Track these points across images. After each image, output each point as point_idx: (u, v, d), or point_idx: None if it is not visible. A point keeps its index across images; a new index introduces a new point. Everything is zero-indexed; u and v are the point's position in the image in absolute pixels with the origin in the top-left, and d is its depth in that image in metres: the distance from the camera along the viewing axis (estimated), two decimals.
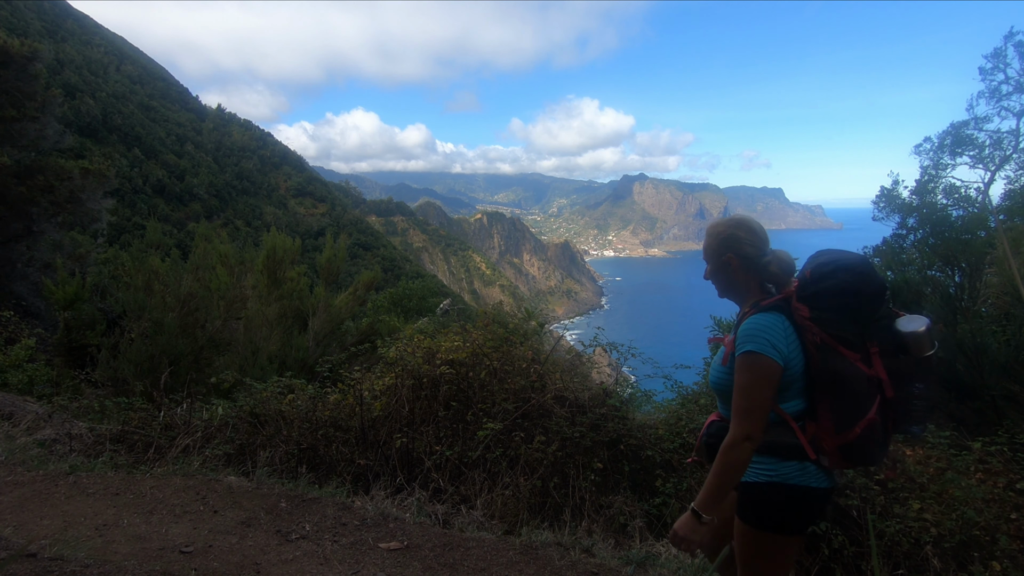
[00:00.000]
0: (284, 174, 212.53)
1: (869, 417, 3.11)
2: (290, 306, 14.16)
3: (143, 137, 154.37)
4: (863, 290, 3.17)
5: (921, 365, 3.15)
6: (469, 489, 6.98)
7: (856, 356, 3.15)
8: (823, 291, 3.22)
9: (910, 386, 3.15)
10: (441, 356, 8.26)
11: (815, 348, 3.21)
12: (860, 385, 3.12)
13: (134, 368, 11.03)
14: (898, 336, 3.15)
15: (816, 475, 3.26)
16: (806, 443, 3.24)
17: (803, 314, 3.26)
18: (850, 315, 3.19)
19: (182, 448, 7.54)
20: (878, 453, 3.21)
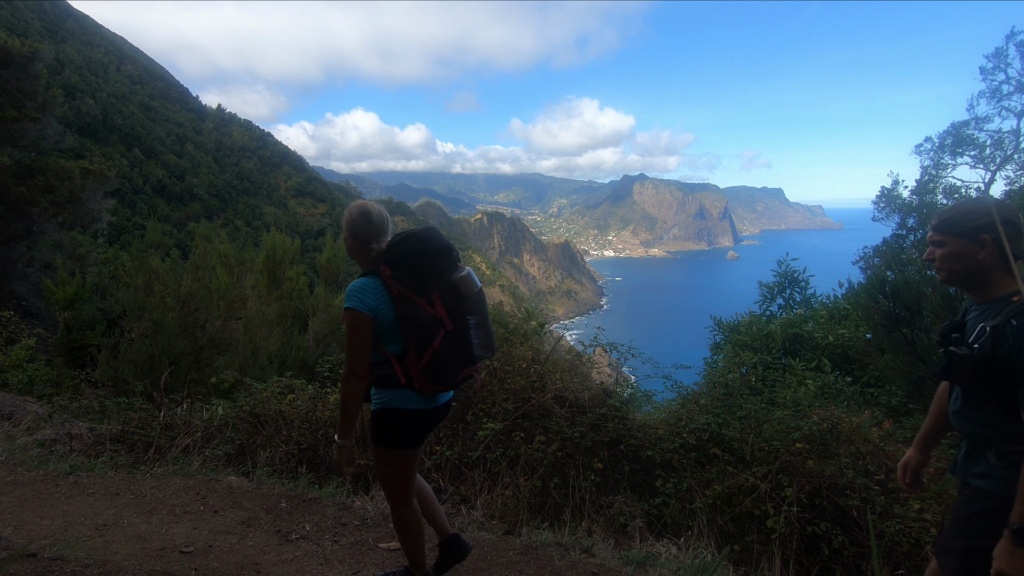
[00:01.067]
0: (284, 174, 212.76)
1: (434, 346, 4.01)
2: (290, 306, 14.16)
3: (143, 137, 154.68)
4: (425, 251, 4.09)
5: (471, 301, 4.20)
6: (469, 489, 6.98)
7: (424, 302, 4.04)
8: (397, 255, 4.09)
9: (465, 319, 4.14)
10: None
11: (396, 299, 4.05)
12: (426, 323, 4.03)
13: (134, 368, 11.04)
14: (451, 283, 4.12)
15: (414, 399, 4.15)
16: (400, 373, 4.08)
17: (387, 274, 4.07)
18: (416, 271, 4.06)
19: (182, 448, 7.55)
20: (450, 374, 4.10)
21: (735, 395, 8.12)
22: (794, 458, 6.69)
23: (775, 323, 14.14)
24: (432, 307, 4.05)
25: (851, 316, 13.63)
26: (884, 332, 10.16)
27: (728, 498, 6.69)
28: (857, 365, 11.97)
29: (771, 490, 6.50)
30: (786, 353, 13.09)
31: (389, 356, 4.10)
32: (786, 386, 10.69)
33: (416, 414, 4.17)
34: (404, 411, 4.14)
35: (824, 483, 6.44)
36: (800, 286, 17.31)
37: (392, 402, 4.11)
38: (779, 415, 7.46)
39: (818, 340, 12.97)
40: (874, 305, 10.22)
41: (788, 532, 6.15)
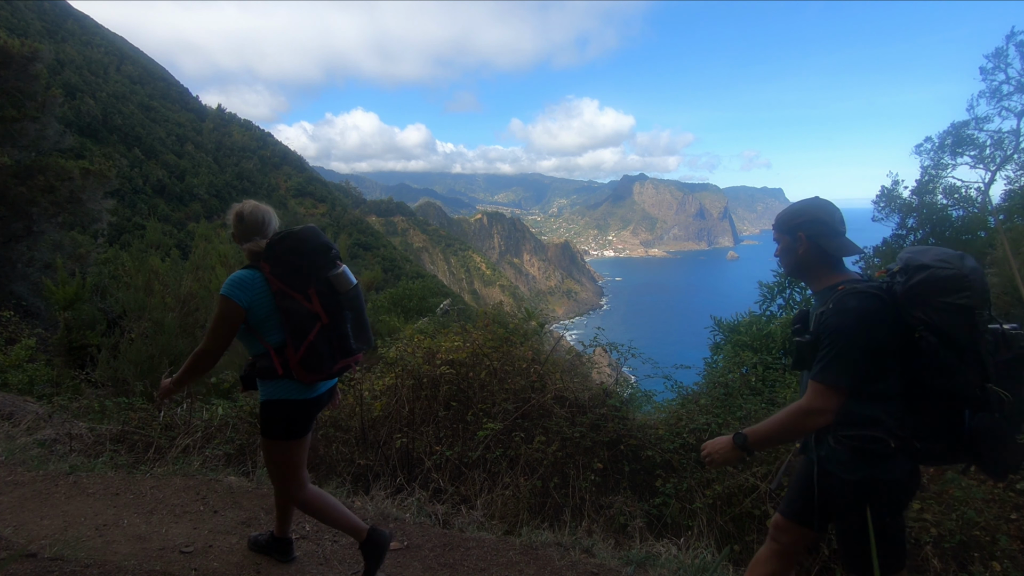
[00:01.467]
0: (284, 174, 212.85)
1: (309, 339, 4.24)
2: None
3: (143, 137, 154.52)
4: (303, 250, 4.34)
5: (346, 297, 4.44)
6: (469, 489, 6.99)
7: (301, 297, 4.25)
8: (276, 252, 4.32)
9: (341, 313, 4.41)
10: (441, 356, 8.28)
11: (275, 293, 4.25)
12: (302, 317, 4.24)
13: (134, 368, 11.02)
14: (327, 280, 4.36)
15: (294, 389, 4.35)
16: (278, 364, 4.26)
17: (267, 270, 4.29)
18: (293, 268, 4.28)
19: (182, 448, 7.54)
20: (326, 365, 4.35)
21: (735, 395, 8.13)
22: (794, 458, 6.69)
23: (775, 323, 14.12)
24: (308, 302, 4.29)
25: None
26: None
27: (728, 498, 6.70)
28: None
29: (771, 490, 6.51)
30: (786, 353, 13.07)
31: (268, 347, 4.30)
32: (786, 386, 10.67)
33: (297, 404, 4.41)
34: (286, 401, 4.37)
35: None
36: (800, 286, 17.29)
37: (274, 393, 4.34)
38: None
39: None
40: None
41: None
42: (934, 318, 3.19)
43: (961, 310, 3.16)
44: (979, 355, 3.23)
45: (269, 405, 4.36)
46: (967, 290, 3.18)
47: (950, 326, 3.17)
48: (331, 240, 4.54)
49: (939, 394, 3.28)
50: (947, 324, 3.18)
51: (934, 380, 3.26)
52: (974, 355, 3.22)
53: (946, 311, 3.17)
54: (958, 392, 3.23)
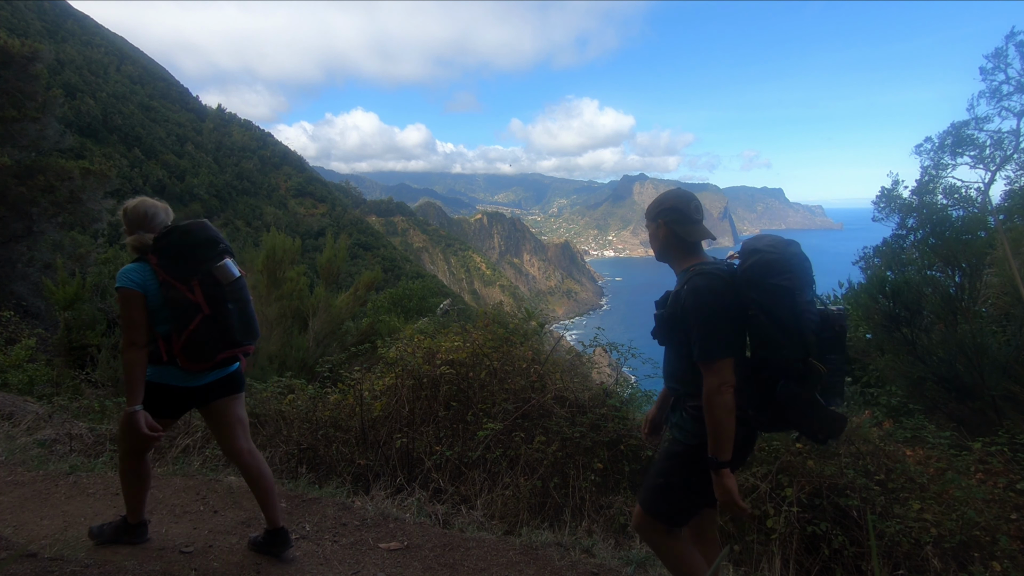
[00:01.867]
0: (284, 174, 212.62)
1: (190, 329, 4.46)
2: (290, 306, 14.14)
3: (143, 137, 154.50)
4: (187, 243, 4.60)
5: (229, 289, 4.65)
6: (469, 489, 6.99)
7: (184, 288, 4.47)
8: (161, 245, 4.57)
9: (224, 305, 4.60)
10: (441, 356, 8.29)
11: (162, 284, 4.48)
12: (185, 307, 4.47)
13: None
14: (210, 272, 4.57)
15: (176, 375, 4.62)
16: (163, 351, 4.52)
17: (154, 261, 4.54)
18: (177, 260, 4.54)
19: (182, 448, 7.56)
20: (208, 354, 4.56)
21: None
22: (794, 458, 6.69)
23: None
24: (192, 293, 4.51)
25: (851, 316, 13.62)
26: (884, 332, 10.18)
27: None
28: (857, 365, 11.97)
29: (771, 490, 6.49)
30: None
31: (156, 335, 4.54)
32: None
33: (176, 390, 4.67)
34: (165, 386, 4.63)
35: (824, 483, 6.43)
36: None
37: (155, 377, 4.58)
38: None
39: None
40: (874, 305, 10.23)
41: (788, 532, 6.15)
42: (762, 298, 3.54)
43: (784, 291, 3.53)
44: (801, 332, 3.52)
45: (150, 387, 4.55)
46: (788, 273, 3.57)
47: (775, 305, 3.54)
48: (222, 235, 4.88)
49: (767, 367, 3.63)
50: (772, 303, 3.53)
51: (763, 354, 3.62)
52: (797, 332, 3.51)
53: (772, 291, 3.55)
54: (782, 365, 3.56)
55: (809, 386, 3.54)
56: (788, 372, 3.57)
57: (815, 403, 3.57)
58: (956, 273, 10.36)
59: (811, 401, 3.56)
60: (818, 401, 3.57)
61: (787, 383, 3.56)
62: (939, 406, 9.22)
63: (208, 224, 4.83)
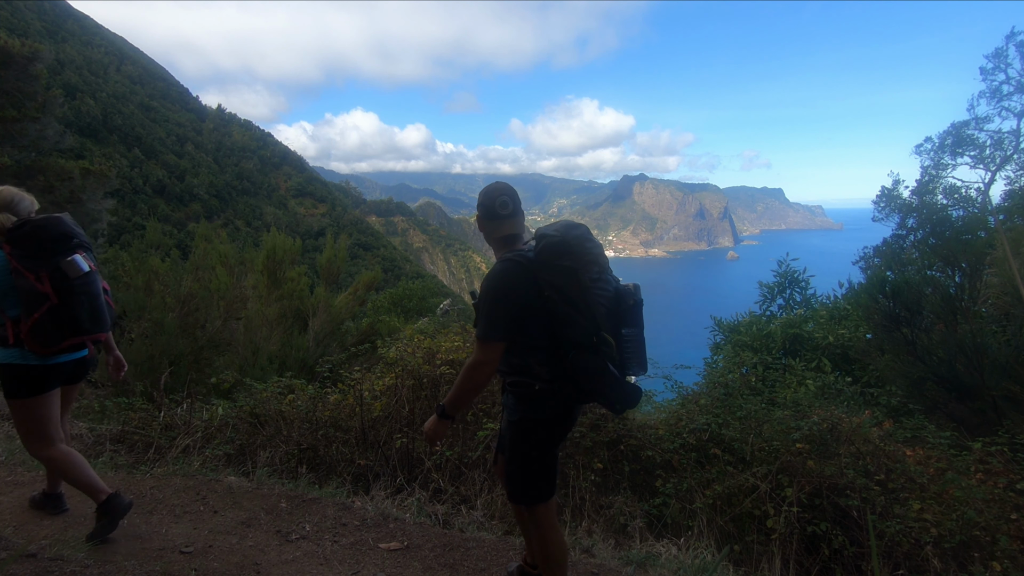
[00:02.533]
0: (284, 174, 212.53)
1: (35, 317, 4.67)
2: (290, 306, 14.16)
3: (143, 137, 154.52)
4: (39, 236, 4.77)
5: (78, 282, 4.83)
6: (469, 489, 6.98)
7: (33, 277, 4.66)
8: (14, 237, 4.72)
9: (72, 296, 4.80)
10: (441, 356, 8.28)
11: (13, 271, 4.66)
12: (33, 296, 4.67)
13: (134, 368, 11.03)
14: (58, 265, 4.76)
15: (23, 356, 4.83)
16: (10, 333, 4.76)
17: (7, 250, 4.70)
18: (28, 252, 4.71)
19: (182, 448, 7.54)
20: (52, 339, 4.77)
21: (735, 395, 8.15)
22: (794, 458, 6.69)
23: (775, 323, 14.16)
24: (40, 283, 4.71)
25: (851, 316, 13.65)
26: (884, 332, 10.18)
27: (728, 498, 6.69)
28: (857, 365, 11.98)
29: (771, 490, 6.50)
30: (786, 353, 13.10)
31: (6, 318, 4.78)
32: (786, 386, 10.69)
33: (27, 367, 4.88)
34: (16, 365, 4.86)
35: (824, 483, 6.44)
36: (800, 286, 17.33)
37: (6, 358, 4.83)
38: (779, 415, 7.47)
39: (818, 340, 12.99)
40: (874, 305, 10.23)
41: (788, 532, 6.15)
42: (552, 278, 3.79)
43: (567, 271, 3.81)
44: (590, 307, 3.78)
45: (3, 367, 4.88)
46: (569, 255, 3.84)
47: (563, 284, 3.80)
48: (80, 231, 5.14)
49: (565, 342, 3.81)
50: (561, 283, 3.80)
51: (560, 330, 3.80)
52: (586, 307, 3.77)
53: (559, 272, 3.82)
54: (576, 340, 3.77)
55: (601, 358, 3.77)
56: (582, 345, 3.77)
57: (607, 373, 3.77)
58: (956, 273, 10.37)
59: (603, 371, 3.76)
60: (610, 372, 3.78)
61: (577, 354, 3.76)
62: (939, 406, 9.22)
63: (64, 219, 5.06)
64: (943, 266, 10.72)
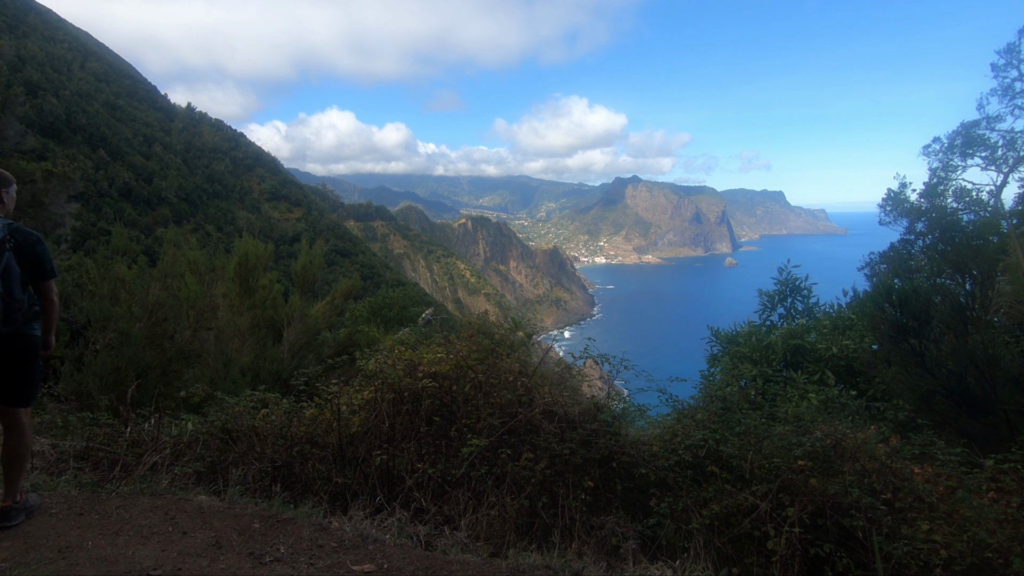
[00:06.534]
0: (257, 176, 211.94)
1: None
2: (264, 316, 14.15)
3: (109, 137, 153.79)
4: None
5: None
6: (453, 509, 6.98)
7: None
8: None
9: None
10: (423, 368, 8.28)
11: None
12: None
13: (99, 381, 11.00)
14: None
15: None
16: None
17: None
18: None
19: (149, 466, 7.53)
20: None
21: (733, 410, 8.14)
22: (796, 476, 6.69)
23: (776, 334, 14.15)
24: None
25: (856, 326, 13.64)
26: (891, 343, 10.18)
27: (726, 518, 6.69)
28: (862, 378, 11.99)
29: (772, 510, 6.50)
30: (787, 365, 13.10)
31: None
32: (787, 400, 10.69)
33: None
34: None
35: (827, 502, 6.45)
36: (802, 294, 17.33)
37: None
38: (780, 431, 7.48)
39: (821, 352, 12.99)
40: (880, 314, 10.24)
41: (790, 554, 6.15)
42: None
43: None
44: None
45: None
46: None
47: None
48: None
49: None
50: None
51: None
52: None
53: None
54: None
55: None
56: None
57: None
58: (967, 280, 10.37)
59: None
60: None
61: None
62: (949, 421, 9.22)
63: None
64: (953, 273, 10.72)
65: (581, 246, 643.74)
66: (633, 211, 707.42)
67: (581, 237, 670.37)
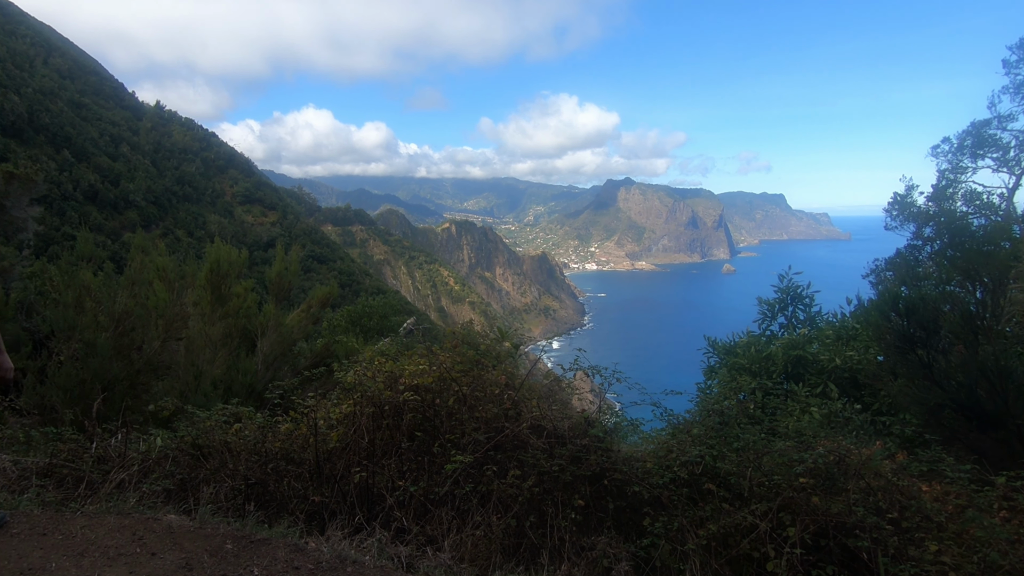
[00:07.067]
0: (230, 178, 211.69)
1: None
2: (236, 325, 14.16)
3: (74, 137, 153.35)
4: None
5: None
6: (436, 529, 6.99)
7: None
8: None
9: None
10: (405, 381, 8.27)
11: None
12: None
13: (63, 394, 10.99)
14: None
15: None
16: None
17: None
18: None
19: (116, 483, 7.51)
20: None
21: (731, 424, 8.16)
22: (797, 494, 6.70)
23: (776, 344, 14.18)
24: None
25: (861, 336, 13.66)
26: (897, 354, 10.19)
27: (724, 539, 6.71)
28: (867, 391, 12.01)
29: (772, 530, 6.51)
30: (788, 377, 13.14)
31: None
32: (788, 414, 10.72)
33: None
34: None
35: (831, 522, 6.46)
36: (804, 303, 17.33)
37: None
38: (780, 446, 7.50)
39: (824, 363, 13.03)
40: (886, 324, 10.26)
41: None
42: None
43: None
44: None
45: None
46: None
47: None
48: None
49: None
50: None
51: None
52: None
53: None
54: None
55: None
56: None
57: None
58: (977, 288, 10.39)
59: None
60: None
61: None
62: (958, 436, 9.24)
63: None
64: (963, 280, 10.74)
65: (571, 252, 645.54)
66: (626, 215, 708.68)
67: (571, 242, 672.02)
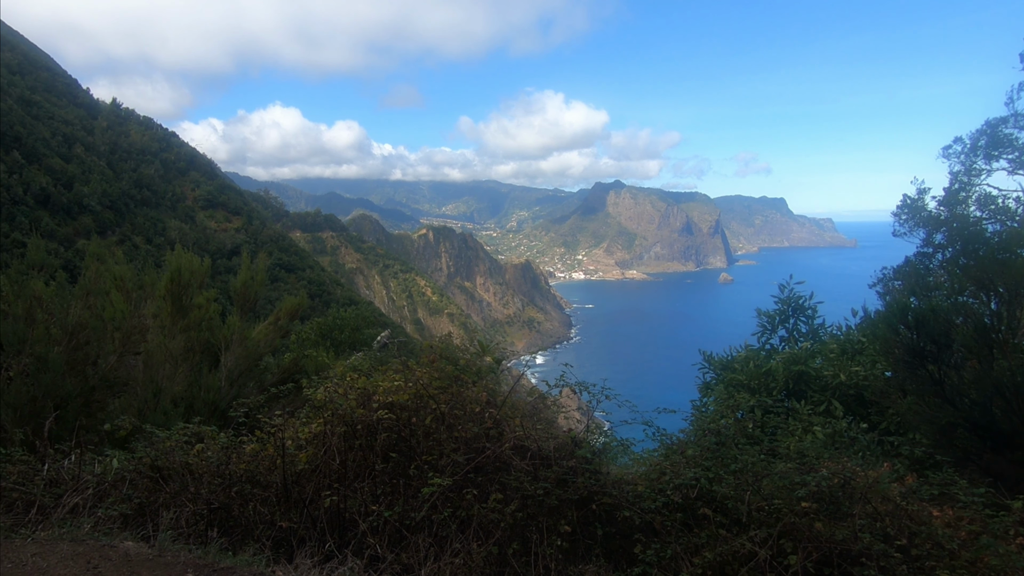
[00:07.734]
0: (191, 181, 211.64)
1: None
2: (199, 338, 14.15)
3: (24, 137, 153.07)
4: None
5: None
6: (412, 557, 6.98)
7: None
8: None
9: None
10: (379, 398, 8.29)
11: None
12: None
13: (12, 412, 10.96)
14: None
15: None
16: None
17: None
18: None
19: (70, 508, 7.51)
20: None
21: (729, 445, 8.19)
22: (799, 519, 6.72)
23: (776, 359, 14.20)
24: None
25: (867, 351, 13.68)
26: (906, 370, 10.21)
27: (720, 567, 6.71)
28: (874, 409, 12.04)
29: (772, 558, 6.52)
30: (789, 394, 13.16)
31: None
32: (790, 434, 10.75)
33: None
34: None
35: (835, 549, 6.47)
36: (806, 315, 17.35)
37: None
38: (781, 468, 7.53)
39: (827, 379, 13.06)
40: (894, 337, 10.27)
41: None
42: None
43: None
44: None
45: None
46: None
47: None
48: None
49: None
50: None
51: None
52: None
53: None
54: None
55: None
56: None
57: None
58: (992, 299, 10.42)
59: None
60: None
61: None
62: (972, 457, 9.26)
63: None
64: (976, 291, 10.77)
65: (557, 260, 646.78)
66: (615, 220, 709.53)
67: (557, 250, 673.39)
